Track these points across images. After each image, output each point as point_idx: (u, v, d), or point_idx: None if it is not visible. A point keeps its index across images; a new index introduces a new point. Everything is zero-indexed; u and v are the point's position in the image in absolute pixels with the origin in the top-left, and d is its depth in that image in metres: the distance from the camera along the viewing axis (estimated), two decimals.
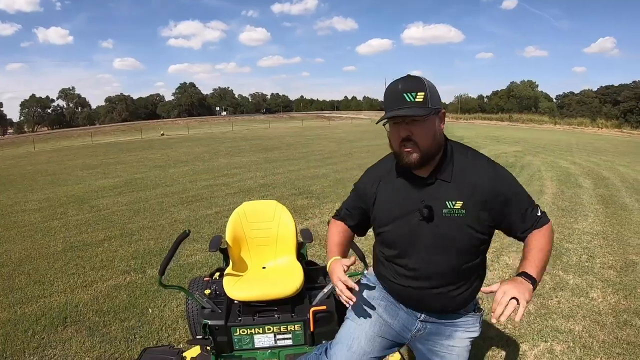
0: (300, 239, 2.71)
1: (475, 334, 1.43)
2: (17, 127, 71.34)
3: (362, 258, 2.23)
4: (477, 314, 1.44)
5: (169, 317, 3.16)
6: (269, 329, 2.15)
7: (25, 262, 4.46)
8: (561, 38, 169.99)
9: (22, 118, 73.63)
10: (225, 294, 2.24)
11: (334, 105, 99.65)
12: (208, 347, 2.17)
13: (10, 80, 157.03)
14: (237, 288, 2.21)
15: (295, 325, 2.16)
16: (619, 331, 2.88)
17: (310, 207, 6.62)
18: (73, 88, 78.80)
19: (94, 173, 11.27)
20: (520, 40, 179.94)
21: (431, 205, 1.25)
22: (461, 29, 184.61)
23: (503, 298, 1.09)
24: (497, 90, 72.31)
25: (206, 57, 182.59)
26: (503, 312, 1.07)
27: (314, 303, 2.21)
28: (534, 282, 1.16)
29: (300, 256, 2.89)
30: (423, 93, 1.16)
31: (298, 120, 52.27)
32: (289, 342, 2.18)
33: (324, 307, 2.15)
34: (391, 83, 1.24)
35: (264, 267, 2.50)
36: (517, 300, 1.08)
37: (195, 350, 2.34)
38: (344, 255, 1.52)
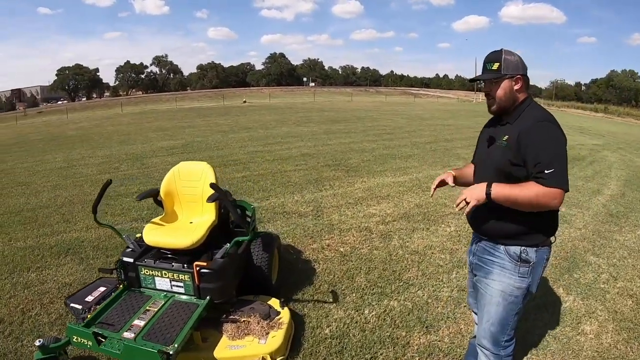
0: None
1: (509, 282, 1.73)
2: (113, 91, 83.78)
3: (243, 223, 2.48)
4: (518, 263, 1.71)
5: None
6: (165, 274, 2.52)
7: (65, 205, 5.55)
8: None
9: (117, 82, 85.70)
10: None
11: (423, 82, 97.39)
12: (121, 283, 2.61)
13: (108, 47, 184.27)
14: (149, 234, 2.60)
15: (185, 276, 2.47)
16: None
17: (333, 179, 6.79)
18: (166, 55, 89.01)
19: (162, 135, 12.86)
20: (627, 26, 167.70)
21: (494, 137, 1.77)
22: (564, 10, 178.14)
23: (460, 197, 1.64)
24: (596, 79, 71.35)
25: (299, 28, 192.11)
26: (458, 204, 1.64)
27: (202, 259, 2.49)
28: (489, 190, 1.59)
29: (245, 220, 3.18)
30: (498, 63, 1.68)
31: (383, 95, 52.30)
32: (182, 290, 2.52)
33: (204, 263, 2.42)
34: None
35: (191, 222, 2.85)
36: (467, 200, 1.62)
37: None
38: (460, 174, 2.03)
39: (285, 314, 2.51)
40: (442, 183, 1.94)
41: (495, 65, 1.69)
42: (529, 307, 2.89)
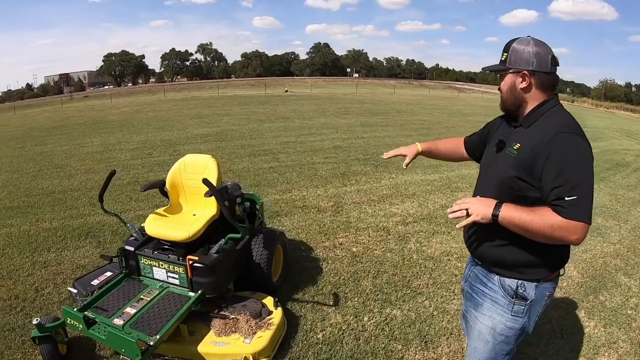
0: None
1: (500, 320, 1.53)
2: (159, 77, 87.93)
3: (233, 221, 2.52)
4: (513, 299, 1.49)
5: None
6: (161, 265, 2.59)
7: (94, 189, 5.84)
8: None
9: (162, 69, 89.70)
10: None
11: (469, 77, 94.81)
12: (123, 270, 2.72)
13: (154, 35, 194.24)
14: (150, 225, 2.68)
15: (180, 268, 2.53)
16: None
17: (360, 174, 6.68)
18: (210, 43, 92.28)
19: (200, 122, 13.21)
20: None
21: (505, 141, 1.54)
22: (616, 6, 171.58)
23: (461, 204, 1.40)
24: None
25: (344, 18, 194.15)
26: (454, 212, 1.40)
27: (197, 253, 2.54)
28: (497, 210, 1.35)
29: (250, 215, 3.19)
30: (506, 54, 1.47)
31: (426, 89, 51.30)
32: (176, 281, 2.58)
33: (196, 258, 2.46)
34: None
35: (194, 214, 2.89)
36: (469, 212, 1.38)
37: None
38: (431, 148, 1.90)
39: (277, 315, 2.49)
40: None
41: (504, 56, 1.48)
42: (542, 331, 2.69)
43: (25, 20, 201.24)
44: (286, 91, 35.01)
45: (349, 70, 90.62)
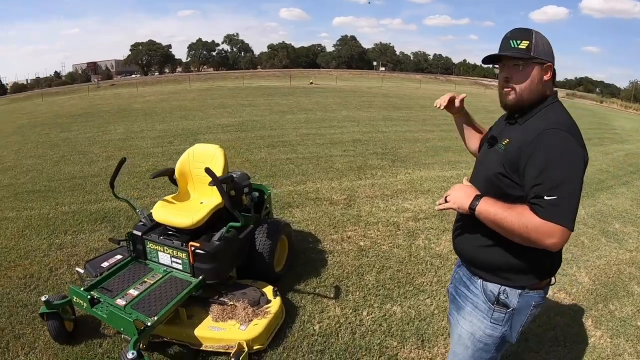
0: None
1: (480, 326, 1.47)
2: (185, 67, 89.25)
3: (233, 210, 2.55)
4: (493, 305, 1.43)
5: None
6: (166, 250, 2.69)
7: None
8: None
9: (189, 59, 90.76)
10: None
11: (496, 73, 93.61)
12: (131, 254, 2.84)
13: (182, 25, 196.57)
14: (158, 211, 2.78)
15: (183, 254, 2.62)
16: None
17: (376, 168, 6.65)
18: (237, 34, 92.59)
19: (222, 112, 13.41)
20: None
21: (497, 137, 1.48)
22: None
23: (445, 192, 1.41)
24: None
25: (371, 11, 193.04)
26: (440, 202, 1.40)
27: (200, 239, 2.61)
28: (475, 203, 1.31)
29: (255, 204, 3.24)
30: (527, 42, 1.33)
31: (453, 84, 50.36)
32: (180, 266, 2.67)
33: (197, 244, 2.54)
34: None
35: (201, 202, 2.97)
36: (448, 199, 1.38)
37: None
38: (470, 117, 1.81)
39: (275, 304, 2.54)
40: (451, 101, 1.69)
41: (524, 44, 1.32)
42: (544, 338, 2.63)
43: (54, 9, 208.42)
44: (311, 83, 35.01)
45: (375, 63, 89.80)
